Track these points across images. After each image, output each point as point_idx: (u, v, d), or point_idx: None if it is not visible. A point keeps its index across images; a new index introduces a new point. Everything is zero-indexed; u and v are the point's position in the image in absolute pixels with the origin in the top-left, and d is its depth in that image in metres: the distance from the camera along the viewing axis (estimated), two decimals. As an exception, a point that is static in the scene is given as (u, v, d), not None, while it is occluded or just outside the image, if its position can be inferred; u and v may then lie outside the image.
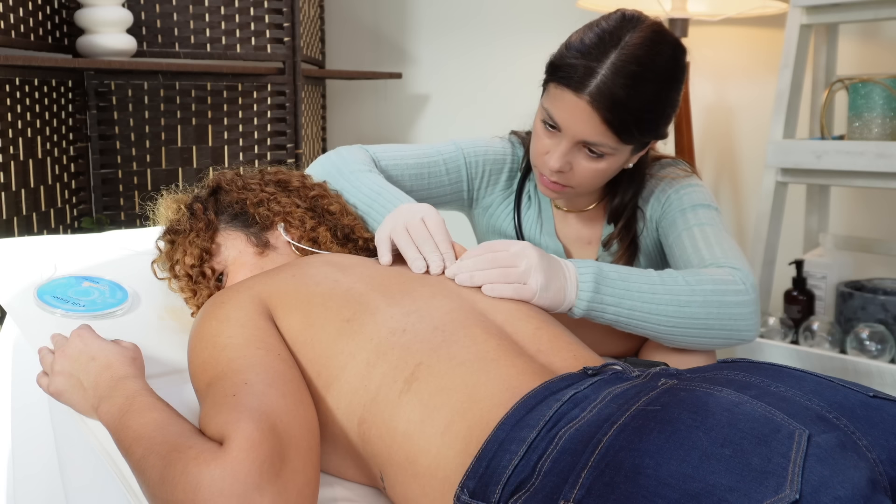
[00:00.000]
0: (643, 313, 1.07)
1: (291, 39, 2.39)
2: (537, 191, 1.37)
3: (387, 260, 1.07)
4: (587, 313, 1.07)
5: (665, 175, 1.30)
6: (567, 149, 1.17)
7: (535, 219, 1.37)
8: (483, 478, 0.75)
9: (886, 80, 1.86)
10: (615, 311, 1.07)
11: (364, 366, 0.89)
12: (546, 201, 1.37)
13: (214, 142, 2.44)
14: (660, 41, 1.14)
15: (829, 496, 0.63)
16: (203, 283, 1.14)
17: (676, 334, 1.09)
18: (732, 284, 1.09)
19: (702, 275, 1.11)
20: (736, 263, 1.13)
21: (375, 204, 1.18)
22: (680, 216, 1.24)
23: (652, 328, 1.09)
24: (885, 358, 1.82)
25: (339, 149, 1.31)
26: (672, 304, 1.07)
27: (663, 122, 1.19)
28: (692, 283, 1.09)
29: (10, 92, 1.94)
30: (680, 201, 1.25)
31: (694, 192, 1.26)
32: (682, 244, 1.21)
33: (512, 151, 1.38)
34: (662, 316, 1.08)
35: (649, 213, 1.30)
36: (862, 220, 2.32)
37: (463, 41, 2.80)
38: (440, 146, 1.36)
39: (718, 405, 0.71)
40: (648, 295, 1.07)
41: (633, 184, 1.29)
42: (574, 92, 1.13)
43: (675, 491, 0.64)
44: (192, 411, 0.93)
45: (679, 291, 1.08)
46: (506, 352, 0.89)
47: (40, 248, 1.32)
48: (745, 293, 1.09)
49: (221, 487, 0.72)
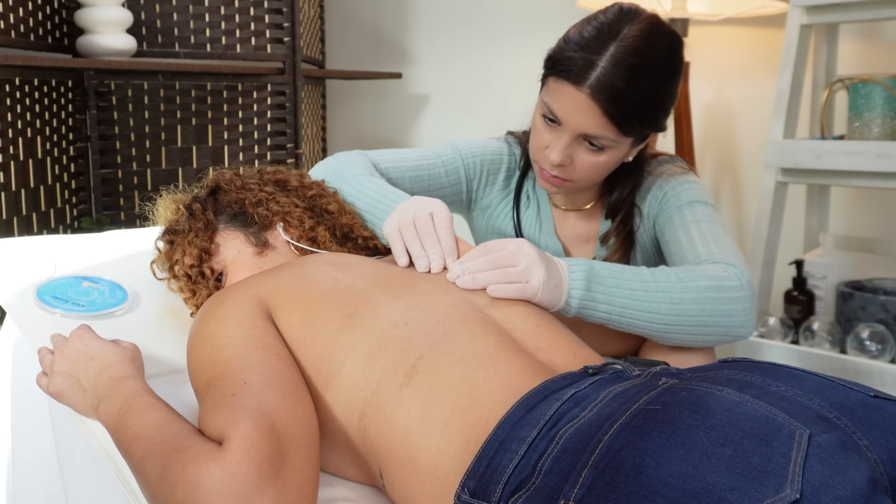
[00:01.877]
0: (635, 311, 1.07)
1: (291, 39, 2.39)
2: (536, 190, 1.38)
3: (404, 262, 1.07)
4: (579, 311, 1.06)
5: (662, 172, 1.30)
6: (567, 142, 1.17)
7: (535, 218, 1.37)
8: (484, 477, 0.74)
9: (886, 80, 1.86)
10: (607, 308, 1.06)
11: (365, 359, 0.89)
12: (545, 200, 1.37)
13: (214, 142, 2.44)
14: (658, 33, 1.14)
15: (830, 496, 0.63)
16: (202, 283, 1.14)
17: (671, 332, 1.08)
18: (727, 280, 1.09)
19: (695, 271, 1.10)
20: (731, 259, 1.12)
21: (381, 204, 1.18)
22: (676, 212, 1.24)
23: (645, 326, 1.08)
24: (886, 358, 1.82)
25: (339, 154, 1.31)
26: (664, 302, 1.06)
27: (663, 114, 1.19)
28: (685, 280, 1.08)
29: (10, 92, 1.94)
30: (677, 197, 1.25)
31: (691, 188, 1.26)
32: (678, 240, 1.20)
33: (509, 151, 1.39)
34: (655, 313, 1.07)
35: (646, 210, 1.30)
36: (862, 220, 2.31)
37: (463, 41, 2.80)
38: (437, 149, 1.36)
39: (719, 405, 0.71)
40: (640, 292, 1.06)
41: (631, 179, 1.30)
42: (574, 85, 1.13)
43: (675, 490, 0.64)
44: (192, 411, 0.93)
45: (671, 288, 1.07)
46: (505, 349, 0.89)
47: (40, 248, 1.32)
48: (741, 289, 1.08)
49: (221, 487, 0.72)
